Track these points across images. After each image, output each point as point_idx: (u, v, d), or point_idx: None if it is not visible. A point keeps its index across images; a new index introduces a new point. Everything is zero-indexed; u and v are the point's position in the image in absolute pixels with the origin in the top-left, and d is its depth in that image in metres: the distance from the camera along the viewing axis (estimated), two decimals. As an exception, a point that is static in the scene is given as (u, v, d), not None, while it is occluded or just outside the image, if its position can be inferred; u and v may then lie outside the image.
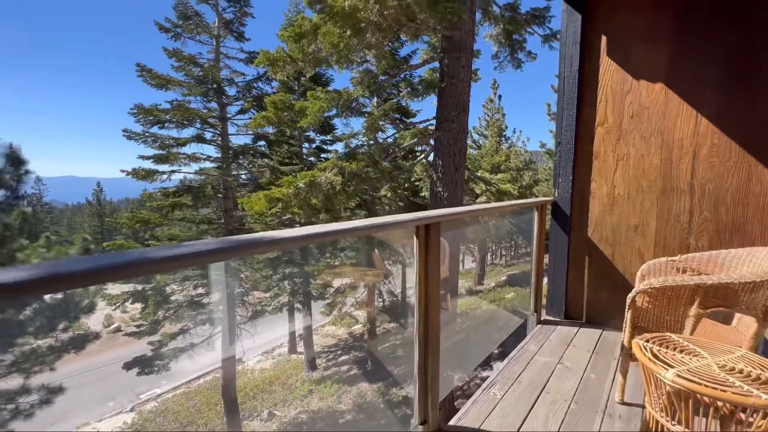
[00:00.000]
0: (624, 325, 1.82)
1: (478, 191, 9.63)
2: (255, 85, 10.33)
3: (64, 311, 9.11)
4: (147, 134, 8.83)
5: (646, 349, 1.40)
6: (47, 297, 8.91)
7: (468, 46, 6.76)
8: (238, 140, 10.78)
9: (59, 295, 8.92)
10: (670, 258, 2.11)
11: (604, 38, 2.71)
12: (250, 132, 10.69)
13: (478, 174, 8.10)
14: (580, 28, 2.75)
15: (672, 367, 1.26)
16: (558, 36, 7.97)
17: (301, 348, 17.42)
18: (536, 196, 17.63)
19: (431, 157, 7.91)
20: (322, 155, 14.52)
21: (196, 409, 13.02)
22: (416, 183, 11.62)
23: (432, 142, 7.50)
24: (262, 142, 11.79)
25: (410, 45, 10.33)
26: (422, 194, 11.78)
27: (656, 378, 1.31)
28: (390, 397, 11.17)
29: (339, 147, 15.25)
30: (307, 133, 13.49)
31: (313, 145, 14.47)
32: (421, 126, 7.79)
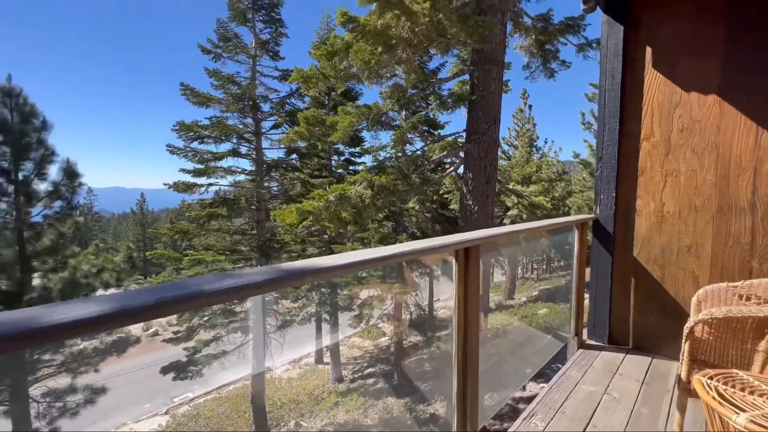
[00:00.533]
0: (680, 356, 1.68)
1: (509, 203, 9.39)
2: (288, 101, 10.72)
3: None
4: (188, 149, 9.36)
5: (710, 388, 1.28)
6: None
7: (499, 58, 6.70)
8: (271, 154, 11.20)
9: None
10: (730, 283, 1.94)
11: (648, 50, 2.59)
12: (283, 146, 11.06)
13: (510, 186, 7.91)
14: (622, 40, 2.65)
15: (743, 410, 1.15)
16: (593, 45, 7.75)
17: (327, 359, 17.48)
18: (569, 208, 16.96)
19: (461, 170, 7.83)
20: (351, 167, 14.76)
21: (226, 415, 13.30)
22: (445, 196, 11.51)
23: (462, 154, 7.43)
24: (294, 156, 12.16)
25: (439, 58, 10.40)
26: (451, 207, 11.65)
27: (724, 422, 1.19)
28: (417, 413, 10.92)
29: (367, 159, 15.47)
30: (336, 146, 13.78)
31: (342, 158, 14.75)
32: (450, 138, 7.75)
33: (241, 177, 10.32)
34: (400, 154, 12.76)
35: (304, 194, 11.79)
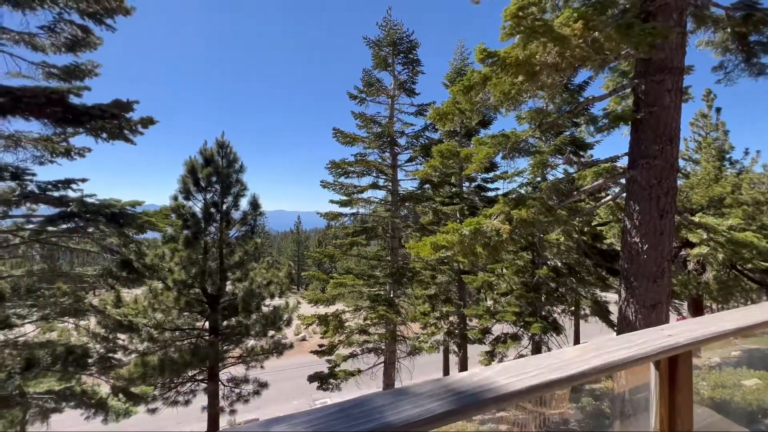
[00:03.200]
0: None
1: (694, 239, 7.35)
2: (422, 134, 11.23)
3: (272, 321, 11.53)
4: (336, 183, 10.77)
5: None
6: (264, 308, 11.56)
7: (676, 64, 5.47)
8: (405, 184, 11.85)
9: (267, 309, 11.40)
10: None
11: None
12: (417, 178, 11.56)
13: (695, 219, 6.21)
14: None
15: None
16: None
17: (455, 391, 16.77)
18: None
19: (621, 199, 6.58)
20: (483, 194, 14.26)
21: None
22: (599, 228, 9.88)
23: (623, 181, 6.25)
24: (427, 185, 12.55)
25: (587, 72, 9.22)
26: (607, 240, 9.90)
27: None
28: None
29: (500, 185, 14.70)
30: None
31: (474, 184, 14.42)
32: (606, 164, 6.65)
33: (379, 207, 11.20)
34: (539, 179, 11.69)
35: (436, 222, 11.91)
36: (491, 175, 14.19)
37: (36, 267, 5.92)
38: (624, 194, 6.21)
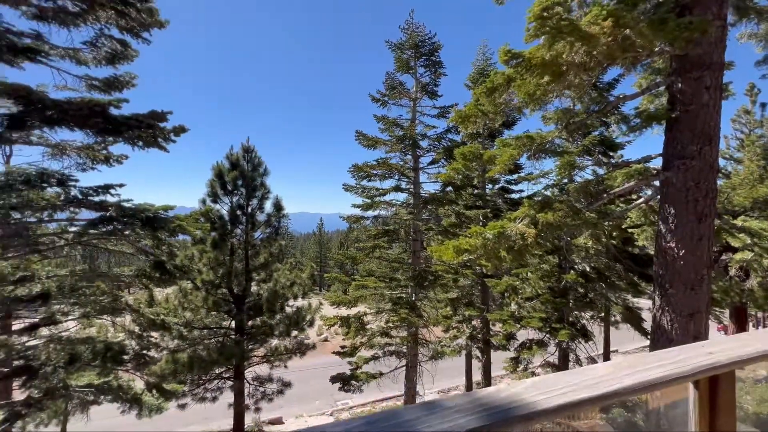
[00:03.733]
0: None
1: (736, 244, 6.91)
2: (444, 136, 11.15)
3: (295, 321, 11.72)
4: (358, 186, 10.86)
5: None
6: (287, 308, 11.80)
7: (715, 60, 5.17)
8: (428, 187, 11.79)
9: (291, 309, 11.61)
10: None
11: None
12: (439, 181, 11.49)
13: (738, 223, 5.83)
14: None
15: None
16: None
17: (478, 396, 16.49)
18: None
19: (655, 201, 6.28)
20: (507, 195, 13.97)
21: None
22: (630, 230, 9.46)
23: (657, 183, 5.97)
24: (449, 188, 12.44)
25: (617, 69, 8.87)
26: (638, 243, 9.47)
27: None
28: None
29: (525, 186, 14.36)
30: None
31: (497, 186, 14.15)
32: (638, 164, 6.37)
33: (401, 210, 11.20)
34: (566, 180, 11.33)
35: (458, 225, 11.77)
36: (515, 176, 13.88)
37: (78, 267, 6.33)
38: (658, 197, 5.92)
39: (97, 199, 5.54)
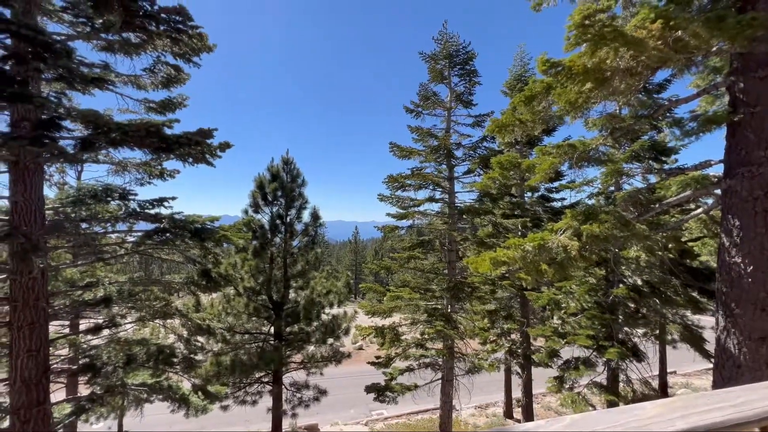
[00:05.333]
0: None
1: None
2: (480, 145, 10.95)
3: (331, 329, 11.88)
4: (393, 197, 10.92)
5: None
6: (324, 316, 12.02)
7: (785, 56, 4.69)
8: (462, 197, 11.61)
9: (327, 317, 11.78)
10: None
11: None
12: (475, 190, 11.27)
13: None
14: None
15: None
16: None
17: (518, 414, 15.77)
18: None
19: (715, 212, 5.75)
20: (547, 204, 13.40)
21: (414, 442, 13.82)
22: (689, 243, 8.69)
23: (718, 192, 5.46)
24: (486, 197, 12.16)
25: (667, 70, 8.29)
26: (701, 257, 8.67)
27: None
28: None
29: (566, 194, 13.71)
30: (530, 183, 12.90)
31: (537, 194, 13.62)
32: (695, 171, 5.87)
33: (436, 220, 11.10)
34: (611, 188, 10.67)
35: (495, 235, 11.43)
36: (556, 184, 13.30)
37: (135, 274, 6.86)
38: (719, 207, 5.42)
39: (152, 211, 6.02)
